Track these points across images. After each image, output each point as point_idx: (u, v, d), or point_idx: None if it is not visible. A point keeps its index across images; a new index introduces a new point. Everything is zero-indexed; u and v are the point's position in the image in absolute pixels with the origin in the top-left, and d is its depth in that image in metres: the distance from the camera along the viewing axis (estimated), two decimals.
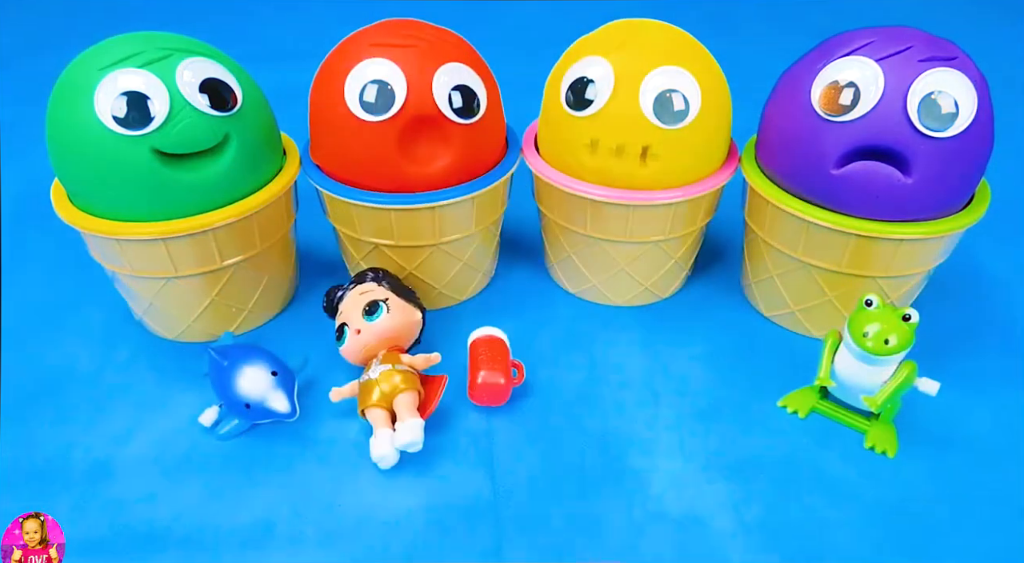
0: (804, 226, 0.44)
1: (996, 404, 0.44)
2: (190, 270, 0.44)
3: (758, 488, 0.39)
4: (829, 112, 0.40)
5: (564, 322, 0.51)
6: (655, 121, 0.43)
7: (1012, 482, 0.39)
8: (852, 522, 0.37)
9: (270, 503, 0.38)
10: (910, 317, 0.38)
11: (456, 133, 0.44)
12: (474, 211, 0.47)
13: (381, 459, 0.38)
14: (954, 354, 0.47)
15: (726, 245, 0.58)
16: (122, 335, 0.49)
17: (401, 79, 0.42)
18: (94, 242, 0.43)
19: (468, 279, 0.52)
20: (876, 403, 0.39)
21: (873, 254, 0.43)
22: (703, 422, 0.43)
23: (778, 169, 0.45)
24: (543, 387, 0.45)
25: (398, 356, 0.42)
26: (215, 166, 0.41)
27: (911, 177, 0.40)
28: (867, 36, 0.41)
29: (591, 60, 0.44)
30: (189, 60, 0.40)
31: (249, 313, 0.48)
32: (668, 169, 0.44)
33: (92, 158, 0.39)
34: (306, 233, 0.54)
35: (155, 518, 0.37)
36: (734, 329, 0.50)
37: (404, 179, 0.44)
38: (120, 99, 0.38)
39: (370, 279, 0.45)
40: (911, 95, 0.39)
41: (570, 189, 0.46)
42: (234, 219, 0.43)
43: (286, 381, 0.41)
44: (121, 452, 0.41)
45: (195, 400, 0.43)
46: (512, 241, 0.58)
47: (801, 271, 0.46)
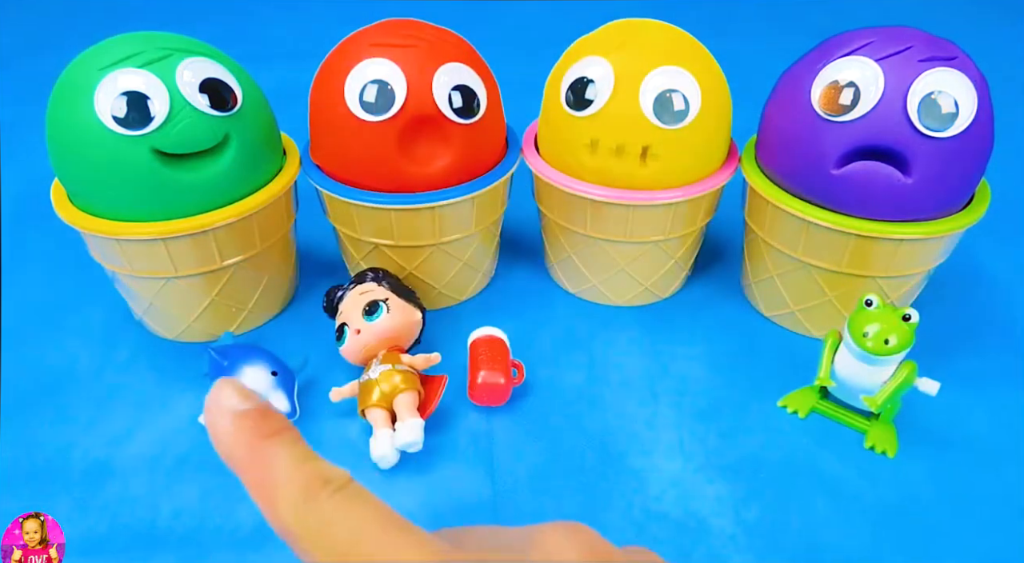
0: (804, 226, 0.44)
1: (996, 404, 0.44)
2: (190, 270, 0.44)
3: (758, 488, 0.39)
4: (829, 112, 0.40)
5: (564, 322, 0.51)
6: (655, 121, 0.43)
7: (1012, 482, 0.39)
8: (852, 522, 0.37)
9: None
10: (910, 317, 0.38)
11: (456, 133, 0.44)
12: (474, 211, 0.47)
13: (381, 459, 0.38)
14: (954, 354, 0.47)
15: (726, 245, 0.58)
16: (122, 335, 0.49)
17: (401, 79, 0.42)
18: (94, 242, 0.43)
19: (468, 279, 0.52)
20: (876, 403, 0.39)
21: (873, 254, 0.43)
22: (703, 422, 0.43)
23: (778, 169, 0.45)
24: (543, 387, 0.45)
25: (398, 356, 0.42)
26: (215, 166, 0.41)
27: (911, 177, 0.40)
28: (867, 36, 0.41)
29: (591, 60, 0.44)
30: (189, 60, 0.40)
31: (249, 313, 0.48)
32: (668, 169, 0.44)
33: (92, 158, 0.39)
34: (306, 233, 0.54)
35: (155, 518, 0.37)
36: (734, 329, 0.50)
37: (404, 179, 0.44)
38: (120, 99, 0.38)
39: (370, 279, 0.45)
40: (911, 95, 0.39)
41: (570, 189, 0.46)
42: (234, 219, 0.43)
43: (286, 381, 0.41)
44: (121, 452, 0.41)
45: (195, 400, 0.43)
46: (512, 241, 0.58)
47: (801, 271, 0.46)
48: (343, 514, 0.15)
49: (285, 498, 0.15)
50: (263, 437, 0.16)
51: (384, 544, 0.14)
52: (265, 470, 0.16)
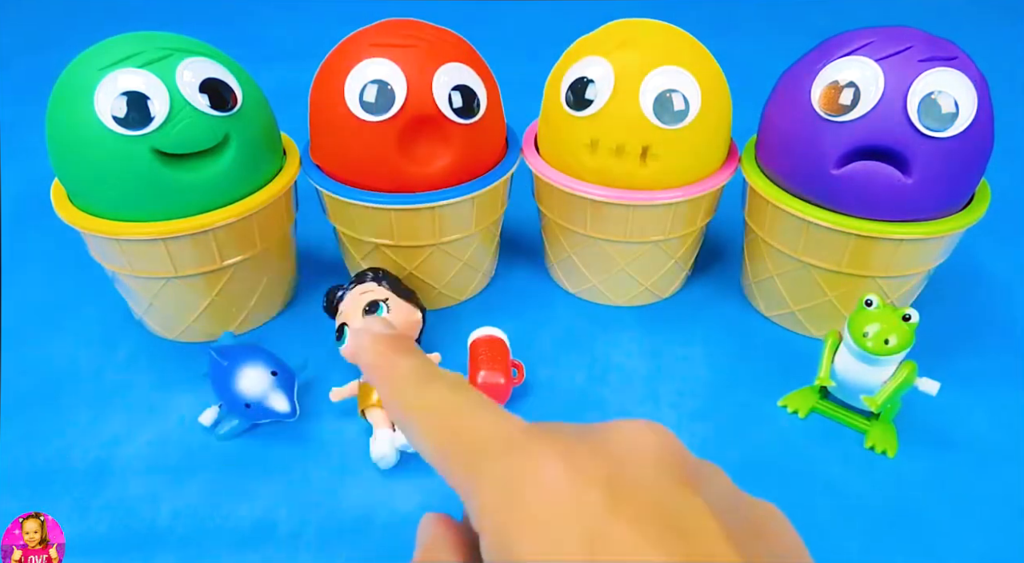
0: (804, 226, 0.44)
1: (996, 404, 0.44)
2: (190, 270, 0.44)
3: (758, 488, 0.39)
4: (829, 112, 0.40)
5: (564, 322, 0.51)
6: (655, 121, 0.43)
7: (1012, 482, 0.39)
8: (852, 522, 0.37)
9: (270, 503, 0.38)
10: (910, 317, 0.38)
11: (456, 133, 0.44)
12: (474, 211, 0.47)
13: (381, 459, 0.38)
14: (954, 354, 0.47)
15: (726, 245, 0.58)
16: (122, 335, 0.49)
17: (401, 79, 0.42)
18: (94, 242, 0.43)
19: (468, 279, 0.52)
20: (876, 403, 0.39)
21: (873, 254, 0.43)
22: (703, 422, 0.43)
23: (778, 169, 0.45)
24: (543, 387, 0.45)
25: None
26: (215, 166, 0.41)
27: (911, 177, 0.40)
28: (867, 36, 0.41)
29: (591, 60, 0.44)
30: (189, 60, 0.40)
31: (249, 313, 0.48)
32: (668, 169, 0.44)
33: (92, 158, 0.39)
34: (306, 233, 0.54)
35: (155, 518, 0.37)
36: (734, 329, 0.50)
37: (404, 179, 0.44)
38: (120, 99, 0.38)
39: (370, 279, 0.45)
40: (911, 95, 0.39)
41: (570, 189, 0.46)
42: (234, 219, 0.43)
43: (286, 381, 0.41)
44: (121, 452, 0.41)
45: (195, 400, 0.43)
46: (512, 241, 0.58)
47: (801, 271, 0.46)
48: (451, 395, 0.17)
49: (404, 384, 0.18)
50: (394, 351, 0.19)
51: (481, 418, 0.17)
52: (391, 369, 0.19)
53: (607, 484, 0.14)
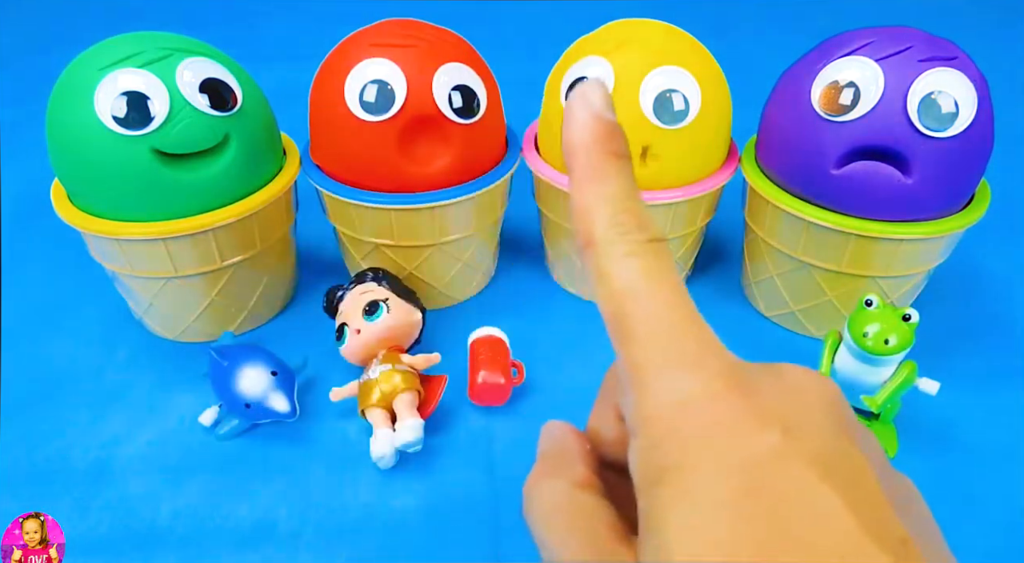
0: (804, 226, 0.44)
1: (996, 404, 0.44)
2: (190, 270, 0.44)
3: None
4: (829, 112, 0.40)
5: (564, 322, 0.51)
6: (655, 121, 0.43)
7: (1012, 482, 0.39)
8: None
9: (270, 503, 0.38)
10: (910, 317, 0.38)
11: (456, 133, 0.44)
12: (474, 211, 0.47)
13: (381, 459, 0.38)
14: (954, 354, 0.47)
15: (726, 245, 0.58)
16: (122, 335, 0.49)
17: (401, 79, 0.42)
18: (94, 242, 0.43)
19: (468, 279, 0.52)
20: (876, 403, 0.39)
21: (873, 254, 0.43)
22: None
23: (778, 169, 0.45)
24: (543, 387, 0.45)
25: (398, 356, 0.42)
26: (215, 166, 0.41)
27: (911, 177, 0.40)
28: (867, 36, 0.41)
29: (591, 60, 0.44)
30: (189, 60, 0.40)
31: (249, 313, 0.48)
32: (668, 169, 0.44)
33: (92, 158, 0.39)
34: (306, 233, 0.54)
35: (155, 518, 0.37)
36: (734, 329, 0.50)
37: (404, 179, 0.44)
38: (120, 99, 0.38)
39: (370, 279, 0.45)
40: (911, 95, 0.39)
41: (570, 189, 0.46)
42: (234, 219, 0.43)
43: (286, 381, 0.41)
44: (121, 452, 0.41)
45: (195, 400, 0.43)
46: (512, 241, 0.58)
47: (801, 271, 0.46)
48: (635, 266, 0.16)
49: (602, 219, 0.16)
50: (607, 152, 0.16)
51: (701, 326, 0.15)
52: (596, 182, 0.16)
53: (782, 422, 0.14)
